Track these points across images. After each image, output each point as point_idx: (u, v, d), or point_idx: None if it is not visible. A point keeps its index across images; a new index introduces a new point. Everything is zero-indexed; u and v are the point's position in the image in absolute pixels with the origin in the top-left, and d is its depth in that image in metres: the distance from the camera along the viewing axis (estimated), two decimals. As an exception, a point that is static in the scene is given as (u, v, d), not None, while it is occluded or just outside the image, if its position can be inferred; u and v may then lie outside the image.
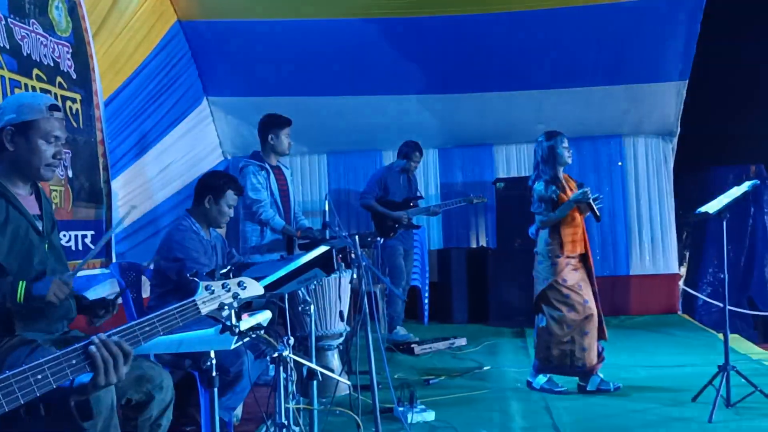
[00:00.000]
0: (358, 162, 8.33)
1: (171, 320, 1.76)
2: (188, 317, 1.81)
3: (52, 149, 2.54)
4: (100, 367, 1.55)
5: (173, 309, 1.78)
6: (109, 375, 1.57)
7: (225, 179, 4.01)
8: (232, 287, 1.91)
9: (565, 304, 4.63)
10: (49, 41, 4.62)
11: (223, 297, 1.89)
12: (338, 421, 3.92)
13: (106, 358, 1.56)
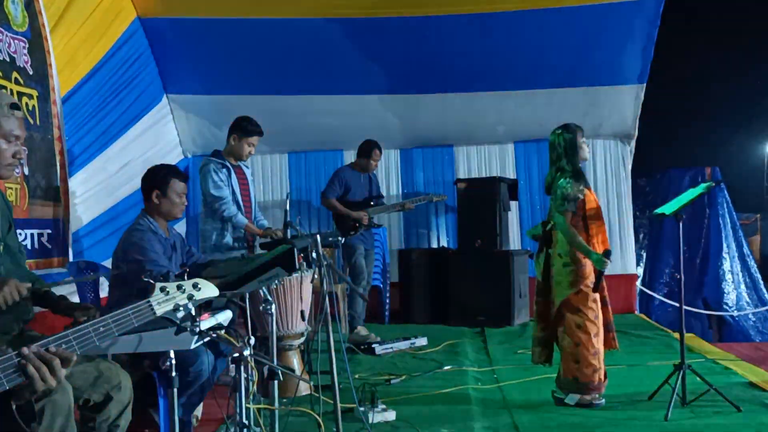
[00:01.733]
0: (320, 161, 8.32)
1: (126, 321, 1.75)
2: (143, 318, 1.80)
3: (12, 148, 2.50)
4: (34, 375, 1.55)
5: (128, 310, 1.77)
6: (46, 381, 1.57)
7: (165, 170, 3.95)
8: (187, 288, 1.90)
9: (592, 310, 4.35)
10: (4, 36, 4.54)
11: (178, 298, 1.88)
12: (299, 422, 3.90)
13: (39, 366, 1.56)
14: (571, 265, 4.33)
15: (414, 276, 7.95)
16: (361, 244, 6.76)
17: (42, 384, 1.56)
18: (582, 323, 4.32)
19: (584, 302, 4.33)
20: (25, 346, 1.57)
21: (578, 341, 4.32)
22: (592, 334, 4.32)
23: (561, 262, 4.36)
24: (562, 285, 4.36)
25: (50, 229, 5.00)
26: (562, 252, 4.37)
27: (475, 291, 7.44)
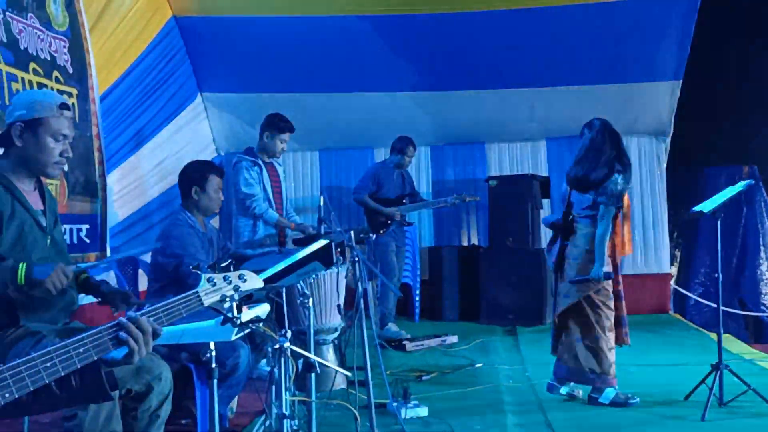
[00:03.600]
0: (350, 159, 8.34)
1: (175, 311, 1.78)
2: (192, 308, 1.83)
3: (59, 147, 2.57)
4: (134, 347, 1.62)
5: (177, 300, 1.80)
6: (141, 350, 1.61)
7: (204, 166, 4.03)
8: (233, 280, 1.93)
9: (608, 307, 4.37)
10: (46, 35, 4.62)
11: (224, 289, 1.91)
12: (334, 416, 3.94)
13: (137, 335, 1.61)
14: (593, 261, 4.33)
15: (444, 273, 7.95)
16: (392, 241, 6.77)
17: (138, 354, 1.61)
18: (601, 319, 4.36)
19: (605, 299, 4.36)
20: (123, 316, 1.62)
21: (598, 335, 4.34)
22: (607, 329, 4.37)
23: (588, 258, 4.35)
24: (586, 281, 4.34)
25: (88, 225, 5.09)
26: (590, 247, 4.35)
27: (506, 289, 7.42)
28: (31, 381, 1.46)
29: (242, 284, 1.93)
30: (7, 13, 4.22)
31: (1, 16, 4.16)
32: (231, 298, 1.91)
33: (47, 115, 2.53)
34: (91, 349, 1.55)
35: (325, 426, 3.56)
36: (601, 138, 4.44)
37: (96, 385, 1.65)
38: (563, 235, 4.50)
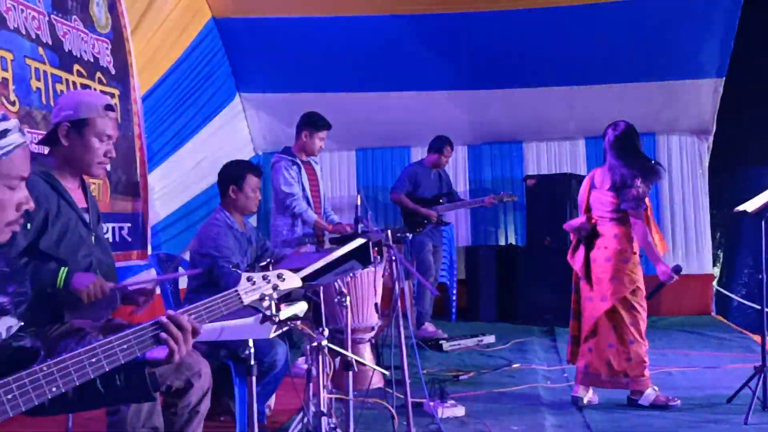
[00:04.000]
0: (387, 158, 8.35)
1: (215, 309, 1.80)
2: (231, 307, 1.85)
3: (104, 147, 2.63)
4: (174, 347, 1.63)
5: (218, 298, 1.82)
6: (181, 349, 1.64)
7: (241, 166, 4.07)
8: (272, 279, 1.95)
9: (643, 308, 4.34)
10: (89, 37, 4.72)
11: (263, 288, 1.92)
12: (370, 414, 3.95)
13: (177, 334, 1.63)
14: (628, 261, 4.28)
15: (481, 273, 7.93)
16: (429, 240, 6.77)
17: (178, 354, 1.64)
18: (635, 321, 4.30)
19: (640, 299, 4.31)
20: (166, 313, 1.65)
21: (632, 338, 4.28)
22: (643, 331, 4.31)
23: (622, 257, 4.29)
24: (620, 281, 4.27)
25: (130, 223, 5.18)
26: (621, 247, 4.30)
27: (544, 289, 7.36)
28: (77, 376, 1.49)
29: (281, 283, 1.94)
30: (52, 16, 4.31)
31: (47, 19, 4.26)
32: (270, 297, 1.93)
33: (92, 116, 2.59)
34: (134, 346, 1.58)
35: (362, 424, 3.57)
36: (623, 140, 4.40)
37: (139, 386, 1.67)
38: (588, 240, 4.44)
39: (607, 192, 4.34)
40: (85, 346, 1.54)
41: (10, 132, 1.50)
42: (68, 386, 1.48)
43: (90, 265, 2.60)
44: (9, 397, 1.40)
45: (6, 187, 1.50)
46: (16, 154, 1.51)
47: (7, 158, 1.49)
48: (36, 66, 4.13)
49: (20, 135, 1.52)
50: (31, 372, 1.43)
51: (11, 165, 1.50)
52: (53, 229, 2.50)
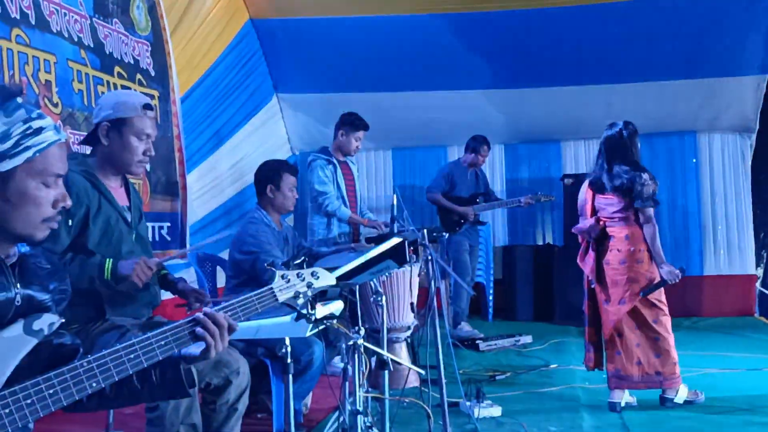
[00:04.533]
0: (424, 158, 8.34)
1: (250, 306, 1.83)
2: (266, 304, 1.88)
3: (143, 146, 2.67)
4: (210, 342, 1.66)
5: (252, 296, 1.84)
6: (217, 345, 1.66)
7: (278, 165, 4.11)
8: (306, 277, 1.97)
9: (664, 304, 4.29)
10: (129, 40, 4.80)
11: (298, 286, 1.94)
12: (406, 413, 3.95)
13: (213, 330, 1.66)
14: (643, 261, 4.23)
15: (518, 273, 7.88)
16: (465, 240, 6.75)
17: (214, 349, 1.67)
18: (658, 318, 4.25)
19: (660, 297, 4.27)
20: (198, 312, 1.68)
21: (657, 336, 4.24)
22: (668, 326, 4.26)
23: (635, 258, 4.24)
24: (637, 282, 4.22)
25: (169, 223, 5.26)
26: (634, 248, 4.25)
27: (581, 289, 7.25)
28: (116, 371, 1.53)
29: (315, 281, 1.96)
30: (94, 19, 4.40)
31: (88, 22, 4.34)
32: (304, 294, 1.95)
33: (131, 115, 2.64)
34: (171, 342, 1.61)
35: (397, 424, 3.58)
36: (617, 137, 4.39)
37: (175, 382, 1.70)
38: (597, 242, 4.39)
39: (614, 193, 4.29)
40: (124, 343, 1.58)
41: (45, 129, 1.52)
42: (107, 382, 1.51)
43: (129, 260, 2.64)
44: (51, 392, 1.43)
45: (42, 184, 1.53)
46: (51, 151, 1.53)
47: (41, 155, 1.51)
48: (78, 68, 4.22)
49: (55, 132, 1.54)
50: (72, 368, 1.47)
51: (46, 162, 1.52)
52: (94, 226, 2.55)
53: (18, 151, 1.48)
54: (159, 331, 1.61)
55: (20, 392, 1.40)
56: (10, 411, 1.39)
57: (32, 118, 1.51)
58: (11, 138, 1.48)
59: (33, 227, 1.54)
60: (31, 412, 1.41)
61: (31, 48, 3.81)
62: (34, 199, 1.52)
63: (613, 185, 4.28)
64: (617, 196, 4.27)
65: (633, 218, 4.26)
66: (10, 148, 1.48)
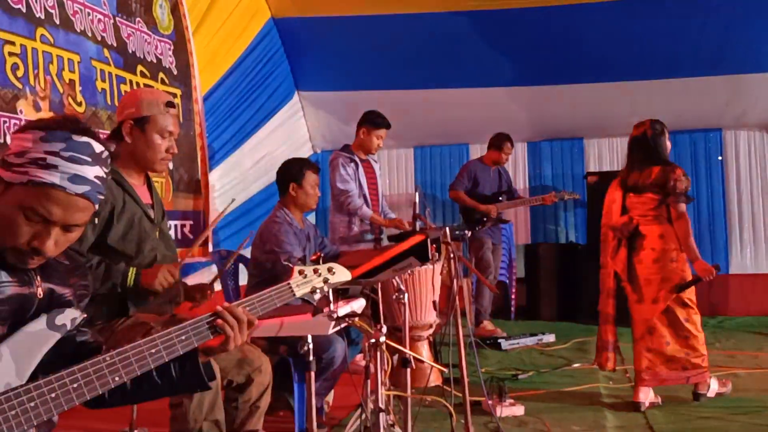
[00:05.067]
0: (445, 155, 8.32)
1: (268, 301, 1.83)
2: (284, 299, 1.88)
3: (165, 144, 2.69)
4: (230, 334, 1.67)
5: (271, 291, 1.85)
6: (236, 338, 1.68)
7: (300, 163, 4.11)
8: (322, 272, 1.97)
9: (694, 302, 4.29)
10: (152, 39, 4.82)
11: (314, 281, 1.95)
12: (428, 412, 3.94)
13: (233, 323, 1.67)
14: (676, 260, 4.22)
15: (541, 272, 7.83)
16: (488, 238, 6.72)
17: (233, 343, 1.67)
18: (690, 317, 4.24)
19: (690, 295, 4.25)
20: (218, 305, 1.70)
21: (687, 334, 4.22)
22: (698, 323, 4.26)
23: (669, 257, 4.22)
24: (671, 280, 4.20)
25: (192, 221, 5.28)
26: (667, 247, 4.23)
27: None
28: (138, 366, 1.54)
29: (331, 276, 1.97)
30: (117, 18, 4.43)
31: (112, 21, 4.37)
32: (321, 289, 1.96)
33: (154, 113, 2.65)
34: (192, 336, 1.63)
35: (419, 422, 3.56)
36: (643, 138, 4.40)
37: (195, 375, 1.71)
38: (630, 242, 4.36)
39: (646, 192, 4.27)
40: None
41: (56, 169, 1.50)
42: (129, 376, 1.53)
43: (154, 259, 2.66)
44: (74, 386, 1.44)
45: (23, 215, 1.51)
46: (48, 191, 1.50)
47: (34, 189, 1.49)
48: (101, 67, 4.25)
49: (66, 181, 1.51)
50: (95, 362, 1.48)
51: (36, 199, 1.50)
52: (119, 223, 2.57)
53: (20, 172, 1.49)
54: (180, 326, 1.62)
55: (45, 386, 1.42)
56: (35, 404, 1.40)
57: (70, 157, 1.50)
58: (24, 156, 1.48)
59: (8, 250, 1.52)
60: (55, 406, 1.43)
61: (56, 47, 3.84)
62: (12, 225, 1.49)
63: (645, 183, 4.27)
64: (650, 194, 4.25)
65: (666, 216, 4.24)
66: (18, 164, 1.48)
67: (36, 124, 1.53)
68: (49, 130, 1.49)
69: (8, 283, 1.50)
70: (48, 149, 1.47)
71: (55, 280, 1.61)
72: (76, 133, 1.50)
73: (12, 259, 1.51)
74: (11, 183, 1.48)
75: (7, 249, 1.50)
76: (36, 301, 1.54)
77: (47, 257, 1.53)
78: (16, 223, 1.48)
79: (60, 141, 1.48)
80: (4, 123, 3.43)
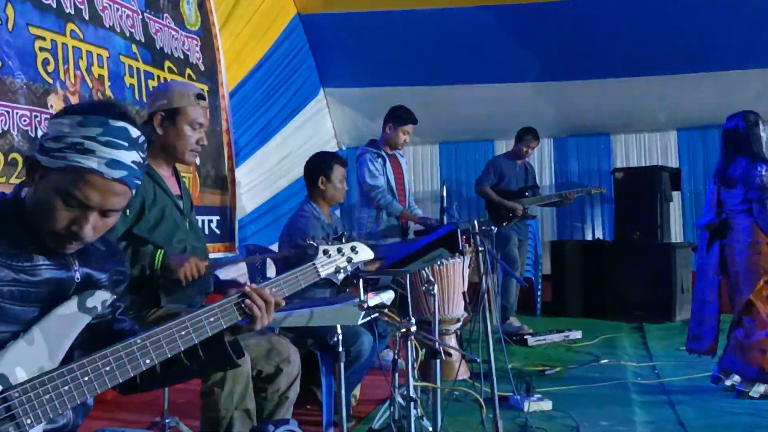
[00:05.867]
0: (471, 151, 8.29)
1: (294, 282, 1.85)
2: (309, 280, 1.89)
3: (196, 135, 2.71)
4: (257, 314, 1.68)
5: (296, 271, 1.87)
6: (263, 318, 1.69)
7: (328, 156, 4.11)
8: (346, 251, 1.97)
9: None
10: (179, 34, 4.86)
11: (338, 261, 1.95)
12: (457, 406, 3.92)
13: (260, 304, 1.68)
14: (761, 253, 4.21)
15: (567, 268, 7.77)
16: (514, 234, 6.69)
17: (260, 323, 1.68)
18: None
19: None
20: (246, 285, 1.71)
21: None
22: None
23: (754, 249, 4.22)
24: (756, 273, 4.21)
25: (218, 216, 5.31)
26: (752, 239, 4.24)
27: (633, 285, 7.18)
28: (168, 348, 1.55)
29: (354, 256, 1.98)
30: (145, 14, 4.46)
31: (140, 17, 4.41)
32: (344, 269, 1.96)
33: (185, 104, 2.68)
34: (220, 318, 1.64)
35: (447, 416, 3.54)
36: (734, 130, 4.34)
37: (221, 353, 1.71)
38: (721, 234, 4.36)
39: (734, 186, 4.29)
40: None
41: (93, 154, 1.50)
42: (160, 358, 1.54)
43: (184, 250, 2.68)
44: (107, 369, 1.46)
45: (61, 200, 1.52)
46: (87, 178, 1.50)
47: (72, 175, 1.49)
48: (130, 63, 4.28)
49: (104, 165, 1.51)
50: (126, 345, 1.50)
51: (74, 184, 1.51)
52: (149, 215, 2.59)
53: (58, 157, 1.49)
54: (208, 307, 1.64)
55: (78, 369, 1.43)
56: (69, 388, 1.41)
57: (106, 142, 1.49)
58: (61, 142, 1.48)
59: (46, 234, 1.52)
60: (89, 389, 1.44)
61: (85, 43, 3.88)
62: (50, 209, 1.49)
63: (732, 177, 4.29)
64: (738, 187, 4.27)
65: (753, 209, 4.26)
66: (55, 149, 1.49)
67: (73, 109, 1.53)
68: (86, 115, 1.49)
69: (46, 266, 1.51)
70: (85, 134, 1.47)
71: (93, 265, 1.62)
72: (113, 117, 1.50)
73: (51, 243, 1.52)
74: (49, 168, 1.48)
75: (46, 233, 1.51)
76: (74, 285, 1.55)
77: (85, 242, 1.54)
78: (55, 208, 1.48)
79: (97, 126, 1.48)
80: (35, 117, 3.47)
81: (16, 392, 1.37)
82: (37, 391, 1.39)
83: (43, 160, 1.49)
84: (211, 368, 1.78)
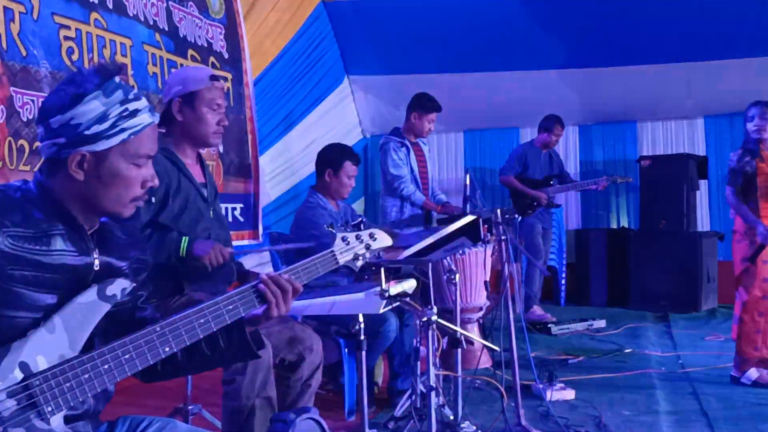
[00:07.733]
0: (496, 139, 8.24)
1: (312, 269, 1.84)
2: (328, 267, 1.89)
3: (216, 116, 2.72)
4: (271, 300, 1.68)
5: (315, 259, 1.86)
6: (279, 305, 1.69)
7: (341, 151, 4.08)
8: (364, 238, 1.97)
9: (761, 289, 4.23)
10: (203, 23, 4.87)
11: (357, 248, 1.94)
12: (478, 395, 3.92)
13: (276, 291, 1.69)
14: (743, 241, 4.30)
15: (591, 257, 7.72)
16: (538, 222, 6.65)
17: (276, 310, 1.69)
18: None
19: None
20: (263, 274, 1.71)
21: None
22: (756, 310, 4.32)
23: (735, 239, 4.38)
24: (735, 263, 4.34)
25: (242, 204, 5.34)
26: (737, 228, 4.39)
27: (658, 274, 7.11)
28: (187, 336, 1.57)
29: (373, 242, 1.97)
30: (170, 2, 4.48)
31: (164, 6, 4.42)
32: (363, 256, 1.96)
33: (200, 87, 2.69)
34: (239, 305, 1.65)
35: (468, 404, 3.55)
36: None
37: (241, 344, 1.72)
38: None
39: None
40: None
41: (140, 112, 1.55)
42: (179, 346, 1.56)
43: (208, 238, 2.69)
44: (126, 357, 1.48)
45: (133, 165, 1.56)
46: (145, 133, 1.57)
47: (136, 137, 1.55)
48: (153, 52, 4.30)
49: (150, 115, 1.58)
50: (145, 333, 1.52)
51: (140, 144, 1.56)
52: (174, 203, 2.61)
53: (114, 133, 1.52)
54: (226, 295, 1.65)
55: (98, 357, 1.46)
56: (89, 376, 1.44)
57: (129, 100, 1.55)
58: (108, 119, 1.51)
59: (122, 205, 1.58)
60: (109, 377, 1.46)
61: (108, 32, 3.91)
62: (125, 179, 1.56)
63: None
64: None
65: None
66: (106, 129, 1.51)
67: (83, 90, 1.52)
68: (100, 87, 1.52)
69: (66, 252, 1.52)
70: (118, 100, 1.53)
71: (113, 253, 1.63)
72: (109, 76, 1.55)
73: (126, 212, 1.60)
74: (108, 149, 1.52)
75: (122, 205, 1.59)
76: (93, 272, 1.57)
77: None
78: (131, 176, 1.57)
79: (115, 88, 1.54)
80: (62, 106, 3.50)
81: (38, 380, 1.39)
82: (57, 378, 1.41)
83: (99, 146, 1.52)
84: (232, 358, 1.78)
